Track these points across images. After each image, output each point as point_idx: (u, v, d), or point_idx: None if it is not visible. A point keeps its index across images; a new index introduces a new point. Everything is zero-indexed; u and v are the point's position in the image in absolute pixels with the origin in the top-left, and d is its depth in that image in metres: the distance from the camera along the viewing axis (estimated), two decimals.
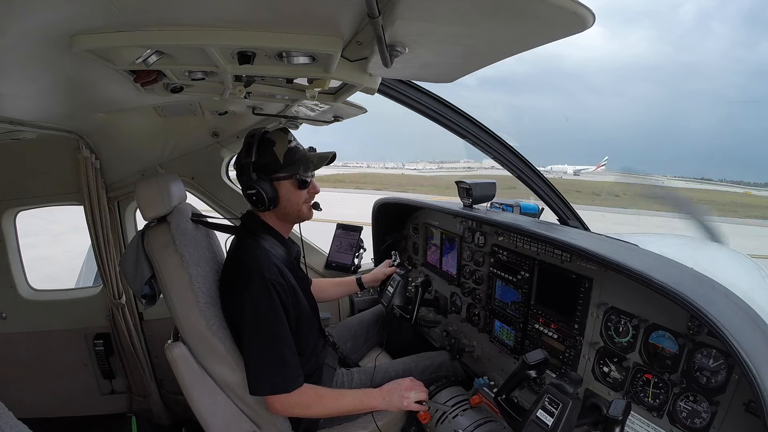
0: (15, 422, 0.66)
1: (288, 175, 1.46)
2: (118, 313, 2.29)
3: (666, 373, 1.13)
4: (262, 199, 1.40)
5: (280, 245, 1.53)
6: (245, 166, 1.41)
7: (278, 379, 1.33)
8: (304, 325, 1.51)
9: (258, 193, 1.40)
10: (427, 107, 1.67)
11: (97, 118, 1.79)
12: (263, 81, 1.24)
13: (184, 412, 2.45)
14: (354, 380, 1.70)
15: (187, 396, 1.40)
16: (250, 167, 1.40)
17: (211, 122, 2.15)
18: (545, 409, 1.07)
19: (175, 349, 1.37)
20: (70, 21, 0.74)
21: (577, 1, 0.60)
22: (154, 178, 1.50)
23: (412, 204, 2.37)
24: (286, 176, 1.46)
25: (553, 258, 1.49)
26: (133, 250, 1.53)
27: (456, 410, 1.62)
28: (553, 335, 1.48)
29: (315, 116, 1.80)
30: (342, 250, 2.52)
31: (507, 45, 0.81)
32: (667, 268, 1.29)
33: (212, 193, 2.40)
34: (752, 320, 1.06)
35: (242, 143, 1.49)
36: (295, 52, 0.89)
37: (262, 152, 1.42)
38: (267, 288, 1.33)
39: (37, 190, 2.23)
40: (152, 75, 1.05)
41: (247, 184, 1.40)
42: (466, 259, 1.99)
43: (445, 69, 1.02)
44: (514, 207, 2.05)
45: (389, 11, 0.63)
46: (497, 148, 1.78)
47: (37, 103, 1.32)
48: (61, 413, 2.47)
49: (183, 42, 0.81)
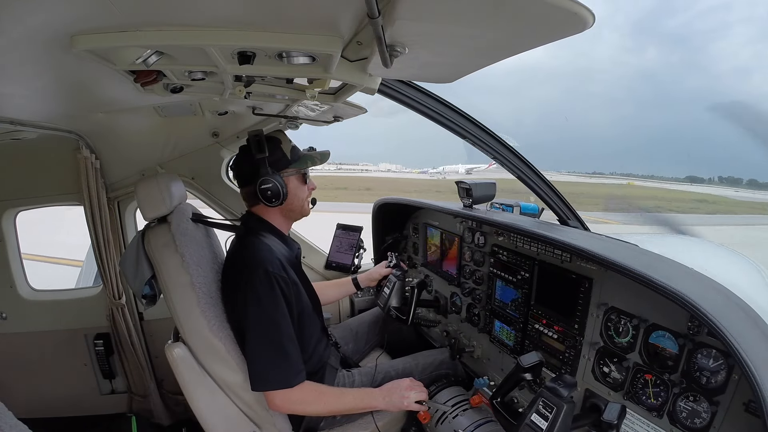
0: (15, 422, 0.67)
1: (295, 170, 1.53)
2: (118, 313, 2.29)
3: (666, 373, 1.13)
4: (277, 192, 1.43)
5: (281, 242, 1.54)
6: (260, 162, 1.43)
7: (281, 373, 1.32)
8: (307, 321, 1.51)
9: (274, 187, 1.43)
10: (427, 107, 1.68)
11: (97, 118, 1.79)
12: (263, 81, 1.24)
13: (184, 412, 2.45)
14: (355, 381, 1.70)
15: (187, 396, 1.39)
16: (266, 162, 1.43)
17: (211, 122, 2.15)
18: (539, 413, 1.07)
19: (176, 349, 1.37)
20: (70, 21, 0.74)
21: (577, 1, 0.60)
22: (155, 178, 1.49)
23: (412, 204, 2.37)
24: (294, 171, 1.53)
25: (553, 258, 1.49)
26: (134, 250, 1.52)
27: (456, 410, 1.62)
28: (553, 335, 1.48)
29: (315, 116, 1.80)
30: (342, 250, 2.52)
31: (507, 45, 0.81)
32: (667, 268, 1.29)
33: (212, 193, 2.40)
34: (752, 320, 1.06)
35: (243, 143, 1.50)
36: (295, 53, 0.88)
37: (272, 149, 1.46)
38: (270, 282, 1.33)
39: (37, 190, 2.22)
40: (152, 75, 1.05)
41: (263, 179, 1.43)
42: (466, 259, 1.99)
43: (445, 69, 1.02)
44: (514, 207, 2.05)
45: (389, 11, 0.63)
46: (497, 148, 1.78)
47: (38, 103, 1.32)
48: (61, 413, 2.47)
49: (183, 42, 0.81)
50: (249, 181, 1.48)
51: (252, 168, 1.45)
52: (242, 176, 1.53)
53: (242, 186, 1.55)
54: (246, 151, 1.49)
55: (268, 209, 1.52)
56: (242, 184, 1.54)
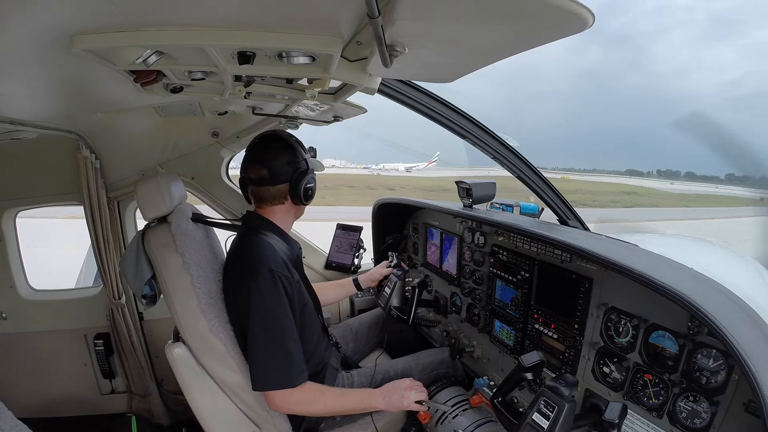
0: (15, 422, 0.67)
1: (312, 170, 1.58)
2: (118, 313, 2.29)
3: (666, 373, 1.13)
4: (314, 191, 1.53)
5: (283, 242, 1.53)
6: (305, 162, 1.48)
7: (283, 373, 1.32)
8: (308, 321, 1.51)
9: (315, 185, 1.53)
10: (427, 107, 1.68)
11: (97, 118, 1.79)
12: (263, 81, 1.24)
13: (184, 412, 2.45)
14: (354, 382, 1.70)
15: (187, 396, 1.39)
16: (306, 162, 1.49)
17: (211, 122, 2.15)
18: (541, 412, 1.07)
19: (176, 349, 1.37)
20: (70, 21, 0.74)
21: (577, 1, 0.60)
22: (154, 178, 1.49)
23: (412, 204, 2.37)
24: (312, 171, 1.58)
25: (553, 258, 1.49)
26: (134, 250, 1.52)
27: (456, 410, 1.62)
28: (553, 335, 1.48)
29: (315, 116, 1.80)
30: (342, 250, 2.52)
31: (507, 45, 0.81)
32: (667, 268, 1.29)
33: (212, 193, 2.40)
34: (752, 320, 1.06)
35: (244, 143, 1.50)
36: (295, 53, 0.89)
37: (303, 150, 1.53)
38: (275, 281, 1.32)
39: (37, 190, 2.22)
40: (152, 75, 1.05)
41: (310, 177, 1.49)
42: (466, 259, 1.99)
43: (445, 69, 1.02)
44: (514, 207, 2.05)
45: (389, 11, 0.63)
46: (497, 148, 1.78)
47: (38, 103, 1.32)
48: (61, 413, 2.47)
49: (183, 42, 0.81)
50: (284, 179, 1.45)
51: (292, 166, 1.46)
52: (278, 174, 1.45)
53: (275, 184, 1.46)
54: (283, 149, 1.45)
55: (274, 208, 1.50)
56: (275, 182, 1.46)
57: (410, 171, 51.40)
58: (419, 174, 49.78)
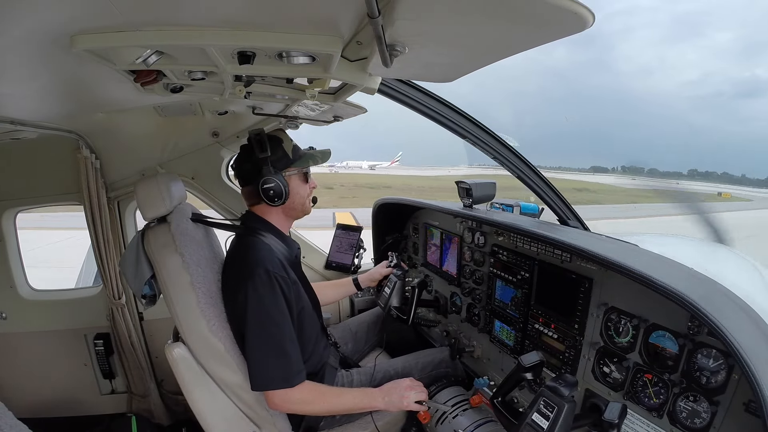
0: (15, 422, 0.67)
1: (297, 169, 1.54)
2: (118, 313, 2.29)
3: (666, 373, 1.13)
4: (279, 192, 1.44)
5: (281, 242, 1.54)
6: (262, 161, 1.44)
7: (281, 373, 1.32)
8: (307, 321, 1.51)
9: (276, 186, 1.44)
10: (427, 107, 1.68)
11: (97, 118, 1.79)
12: (263, 81, 1.24)
13: (184, 412, 2.45)
14: (354, 381, 1.70)
15: (187, 396, 1.39)
16: (268, 162, 1.44)
17: (211, 122, 2.15)
18: (540, 413, 1.07)
19: (176, 349, 1.37)
20: (70, 21, 0.74)
21: (577, 1, 0.60)
22: (154, 178, 1.49)
23: (412, 204, 2.37)
24: (296, 171, 1.54)
25: (553, 258, 1.49)
26: (133, 250, 1.52)
27: (456, 410, 1.62)
28: (553, 335, 1.48)
29: (315, 116, 1.80)
30: (342, 250, 2.52)
31: (507, 45, 0.81)
32: (667, 268, 1.29)
33: (212, 193, 2.40)
34: (752, 320, 1.06)
35: (243, 143, 1.50)
36: (295, 52, 0.88)
37: (274, 148, 1.47)
38: (271, 281, 1.33)
39: (37, 190, 2.22)
40: (152, 75, 1.05)
41: (265, 179, 1.43)
42: (466, 259, 1.99)
43: (445, 69, 1.02)
44: (514, 207, 2.05)
45: (389, 11, 0.63)
46: (497, 148, 1.78)
47: (38, 103, 1.31)
48: (61, 413, 2.46)
49: (183, 42, 0.81)
50: (251, 180, 1.48)
51: (254, 167, 1.45)
52: (244, 175, 1.53)
53: (244, 185, 1.55)
54: (248, 151, 1.49)
55: (268, 208, 1.52)
56: (244, 183, 1.54)
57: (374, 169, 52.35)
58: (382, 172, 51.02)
